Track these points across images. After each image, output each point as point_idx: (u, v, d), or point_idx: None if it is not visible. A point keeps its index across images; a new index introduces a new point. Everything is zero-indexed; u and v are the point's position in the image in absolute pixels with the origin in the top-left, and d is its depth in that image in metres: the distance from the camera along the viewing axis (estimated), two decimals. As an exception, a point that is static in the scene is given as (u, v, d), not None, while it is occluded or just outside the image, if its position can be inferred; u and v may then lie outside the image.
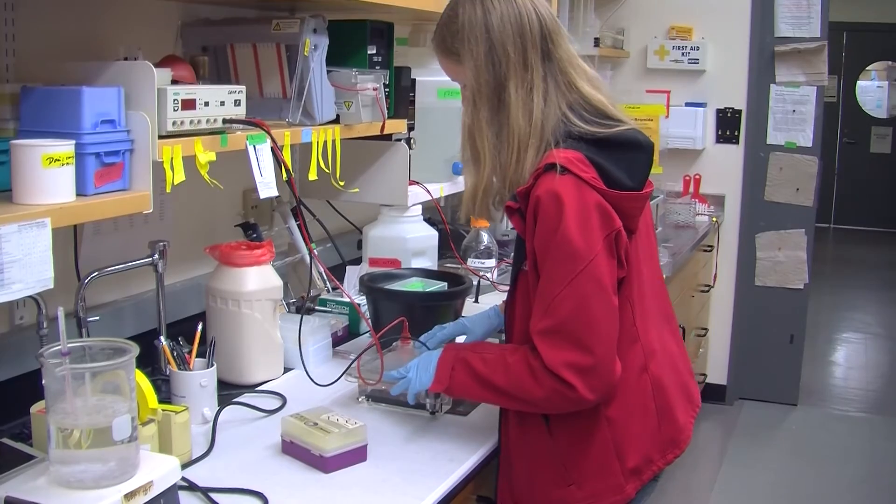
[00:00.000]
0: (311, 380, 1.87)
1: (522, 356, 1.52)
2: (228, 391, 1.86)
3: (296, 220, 2.34)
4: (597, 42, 3.96)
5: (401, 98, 2.26)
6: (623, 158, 1.53)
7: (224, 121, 1.62)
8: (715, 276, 4.62)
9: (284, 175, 1.76)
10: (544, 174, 1.49)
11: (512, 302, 1.64)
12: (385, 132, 2.12)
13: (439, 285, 2.15)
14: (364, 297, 2.15)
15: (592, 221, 1.46)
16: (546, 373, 1.47)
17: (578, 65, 1.61)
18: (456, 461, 1.60)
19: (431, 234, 2.54)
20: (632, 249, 1.54)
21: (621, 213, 1.50)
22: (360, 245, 2.59)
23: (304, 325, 2.05)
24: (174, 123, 1.50)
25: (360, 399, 1.85)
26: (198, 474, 1.51)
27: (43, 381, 1.23)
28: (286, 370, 1.99)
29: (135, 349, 1.26)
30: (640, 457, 1.60)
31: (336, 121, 1.97)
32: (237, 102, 1.65)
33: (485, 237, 2.75)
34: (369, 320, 2.09)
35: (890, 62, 9.95)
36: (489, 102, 1.57)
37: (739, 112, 4.51)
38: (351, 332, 2.28)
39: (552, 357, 1.46)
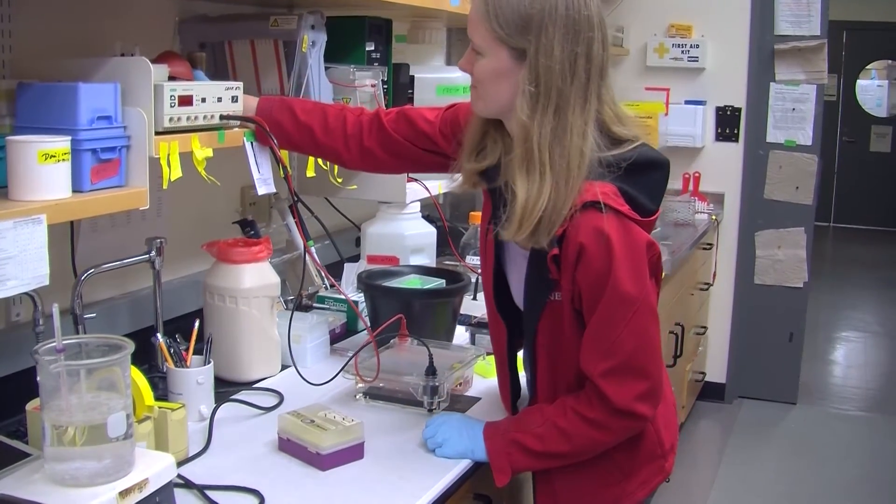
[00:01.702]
0: (303, 378, 1.86)
1: (574, 414, 1.50)
2: (225, 388, 1.86)
3: (293, 217, 2.34)
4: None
5: (399, 95, 2.26)
6: (645, 182, 1.48)
7: (221, 117, 1.62)
8: (714, 275, 4.62)
9: (282, 172, 1.75)
10: (583, 212, 1.41)
11: (533, 331, 1.56)
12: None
13: (437, 282, 2.15)
14: (362, 294, 2.15)
15: (640, 258, 1.45)
16: (613, 417, 1.47)
17: (618, 111, 1.49)
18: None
19: (430, 232, 2.54)
20: None
21: None
22: (358, 242, 2.59)
23: (302, 322, 2.05)
24: (171, 119, 1.50)
25: (357, 396, 1.84)
26: (194, 472, 1.50)
27: (38, 378, 1.23)
28: (283, 367, 1.98)
29: (130, 346, 1.25)
30: (671, 435, 1.67)
31: (334, 117, 1.96)
32: (234, 99, 1.65)
33: (483, 235, 2.74)
34: (368, 317, 2.09)
35: (890, 61, 9.94)
36: (551, 112, 1.41)
37: (739, 110, 4.51)
38: (349, 329, 2.28)
39: (622, 395, 1.46)
